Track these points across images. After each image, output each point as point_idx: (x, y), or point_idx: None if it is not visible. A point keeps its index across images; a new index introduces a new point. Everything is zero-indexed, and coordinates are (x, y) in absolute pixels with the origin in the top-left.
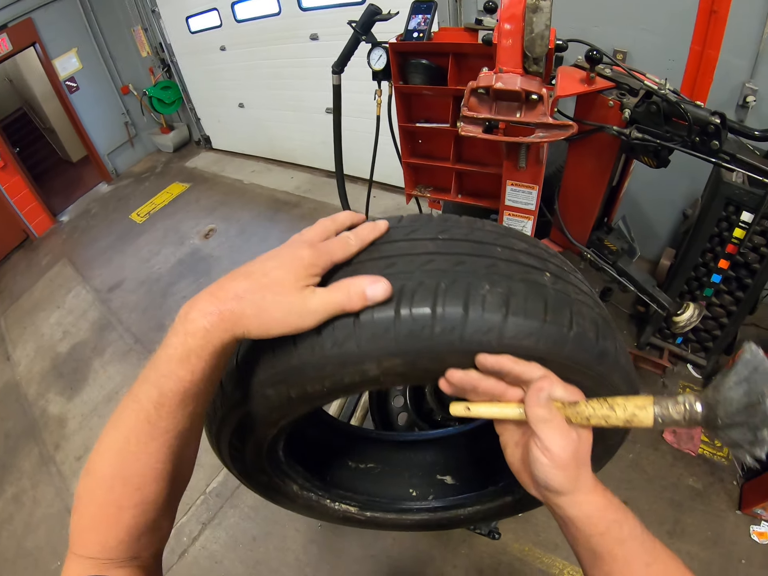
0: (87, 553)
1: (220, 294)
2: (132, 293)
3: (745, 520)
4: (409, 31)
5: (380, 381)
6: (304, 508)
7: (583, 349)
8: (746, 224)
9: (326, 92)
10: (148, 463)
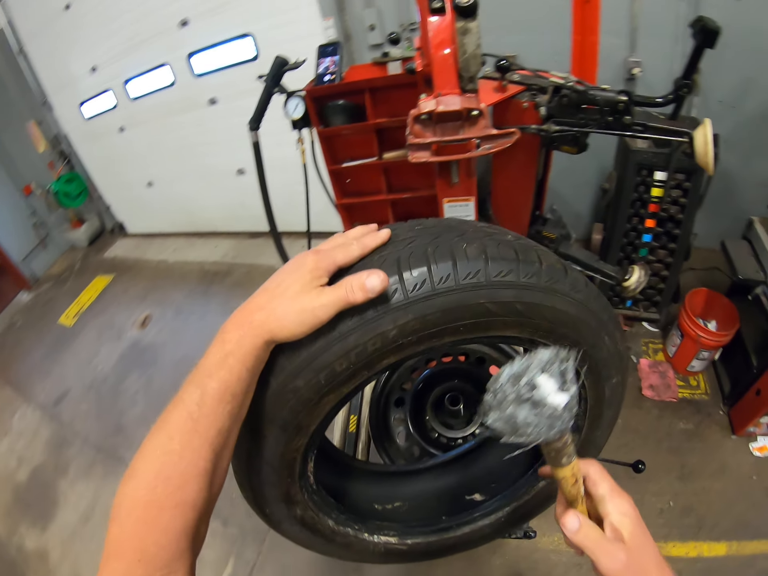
0: (123, 565)
1: (247, 308)
2: (81, 401)
3: (742, 442)
4: (320, 75)
5: (400, 344)
6: (343, 547)
7: (557, 280)
8: (661, 182)
9: (235, 154)
10: (191, 461)
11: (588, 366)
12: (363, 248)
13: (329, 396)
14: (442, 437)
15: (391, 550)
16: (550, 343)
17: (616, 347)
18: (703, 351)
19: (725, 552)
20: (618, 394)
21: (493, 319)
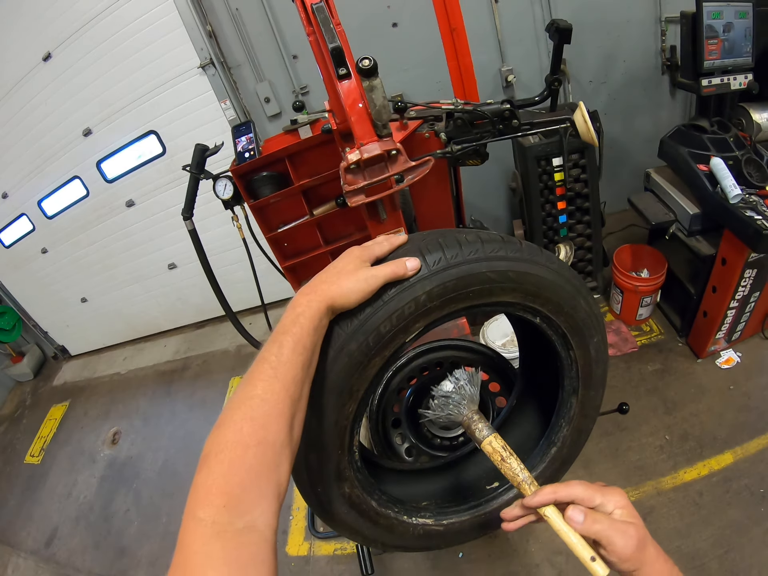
0: (210, 513)
1: (311, 284)
2: (72, 536)
3: (709, 362)
4: (240, 154)
5: (428, 308)
6: (387, 531)
7: (536, 254)
8: (560, 166)
9: (162, 251)
10: (272, 403)
11: (572, 327)
12: (392, 245)
13: (376, 359)
14: (444, 440)
15: (429, 532)
16: (539, 306)
17: (592, 309)
18: (645, 298)
19: (732, 459)
20: (602, 353)
21: (494, 286)
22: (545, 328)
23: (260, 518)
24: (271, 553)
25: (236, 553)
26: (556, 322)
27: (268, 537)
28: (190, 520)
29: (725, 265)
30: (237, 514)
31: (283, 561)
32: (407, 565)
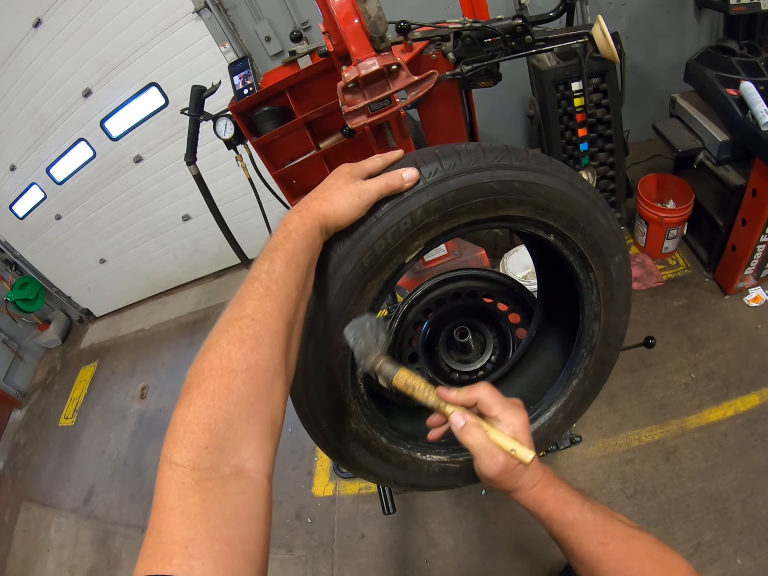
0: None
1: (303, 202)
2: (109, 491)
3: (737, 299)
4: (239, 91)
5: (426, 223)
6: (399, 468)
7: (544, 163)
8: (579, 91)
9: (174, 203)
10: (264, 323)
11: (590, 245)
12: (385, 161)
13: (372, 281)
14: (463, 374)
15: (445, 470)
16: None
17: (611, 225)
18: (671, 230)
19: (759, 401)
20: (625, 274)
21: (499, 198)
22: (561, 246)
23: (250, 461)
24: (264, 505)
25: (218, 507)
26: (572, 240)
27: (260, 485)
28: (166, 467)
29: (756, 196)
30: (222, 456)
31: (309, 501)
32: (431, 503)
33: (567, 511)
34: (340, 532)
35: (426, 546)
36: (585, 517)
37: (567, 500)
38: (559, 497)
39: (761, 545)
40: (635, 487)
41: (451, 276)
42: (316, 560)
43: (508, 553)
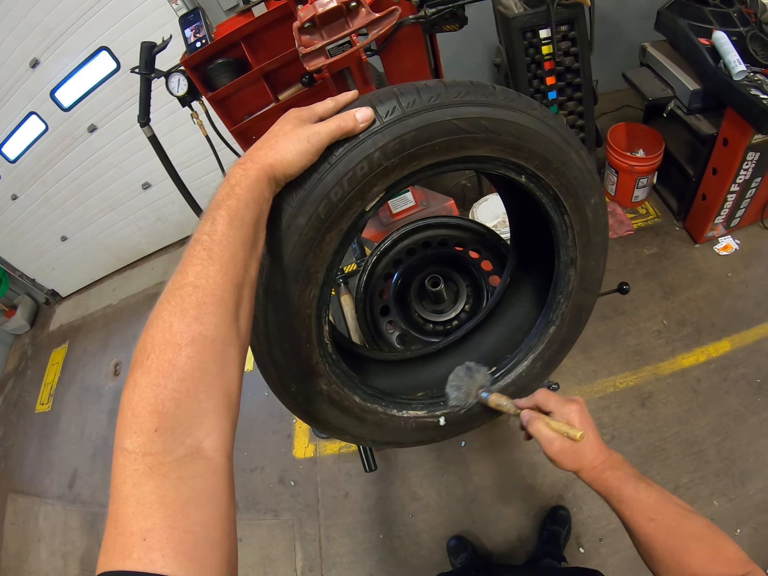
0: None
1: (247, 154)
2: (92, 473)
3: (707, 247)
4: (191, 44)
5: (384, 167)
6: (376, 427)
7: (513, 99)
8: (547, 39)
9: (133, 171)
10: (207, 289)
11: (564, 187)
12: (337, 103)
13: (330, 233)
14: (437, 324)
15: (423, 425)
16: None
17: (586, 165)
18: (641, 179)
19: (730, 347)
20: (601, 217)
21: (464, 137)
22: (533, 188)
23: (206, 440)
24: (224, 486)
25: (174, 493)
26: (545, 181)
27: (218, 465)
28: (119, 454)
29: (727, 146)
30: (174, 438)
31: (291, 464)
32: (412, 458)
33: (623, 489)
34: (324, 492)
35: (410, 500)
36: (639, 495)
37: (624, 480)
38: (618, 477)
39: (736, 487)
40: (612, 432)
41: (421, 225)
42: (302, 523)
43: (492, 502)
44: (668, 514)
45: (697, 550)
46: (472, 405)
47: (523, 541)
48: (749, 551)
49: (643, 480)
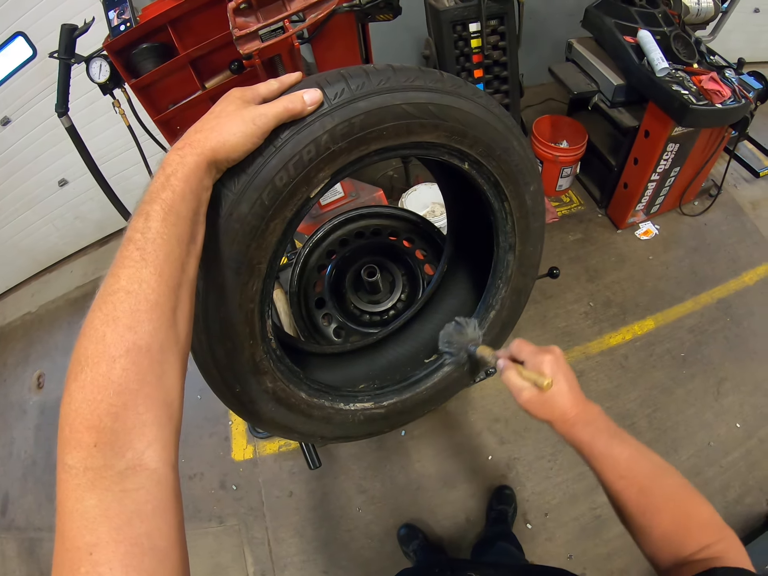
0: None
1: (185, 137)
2: (24, 496)
3: (628, 233)
4: (115, 28)
5: (332, 151)
6: (324, 422)
7: (459, 86)
8: (477, 32)
9: (48, 167)
10: (140, 294)
11: (506, 174)
12: (282, 84)
13: (275, 221)
14: (373, 315)
15: (371, 417)
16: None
17: (526, 153)
18: (565, 168)
19: (654, 325)
20: (539, 204)
21: (412, 122)
22: (475, 175)
23: (147, 452)
24: (169, 496)
25: (118, 505)
26: (487, 168)
27: (162, 476)
28: (60, 469)
29: (648, 137)
30: (114, 453)
31: (231, 468)
32: (353, 450)
33: (594, 445)
34: (268, 493)
35: (356, 493)
36: (611, 452)
37: (596, 435)
38: (589, 432)
39: (669, 454)
40: None
41: (353, 215)
42: (249, 527)
43: (437, 488)
44: (641, 471)
45: (669, 511)
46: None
47: (472, 523)
48: None
49: (617, 436)
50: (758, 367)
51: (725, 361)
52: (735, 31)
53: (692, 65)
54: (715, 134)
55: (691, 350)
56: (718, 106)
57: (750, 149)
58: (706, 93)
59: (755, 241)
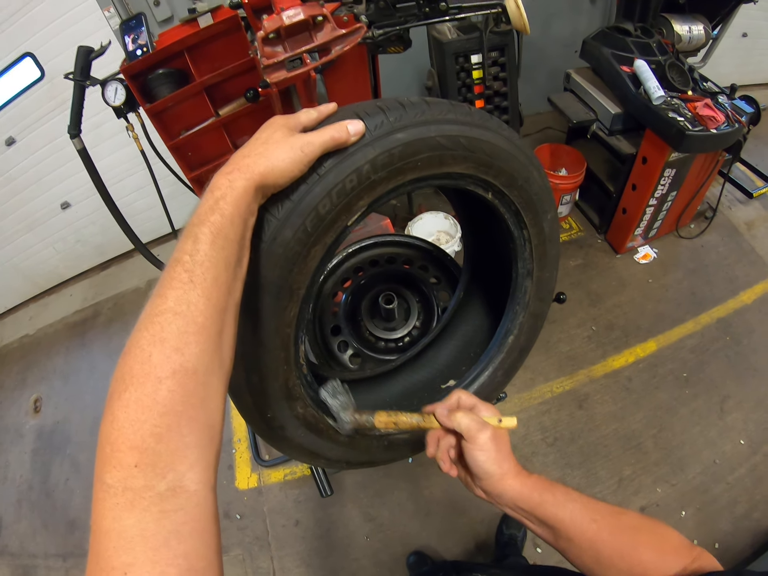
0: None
1: (233, 160)
2: (18, 522)
3: (628, 257)
4: (132, 52)
5: (372, 180)
6: (349, 448)
7: (487, 119)
8: (478, 64)
9: (52, 189)
10: (188, 317)
11: (526, 203)
12: (320, 114)
13: (316, 247)
14: (389, 342)
15: (395, 442)
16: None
17: (545, 182)
18: (564, 196)
19: (656, 346)
20: (555, 231)
21: (445, 153)
22: (498, 204)
23: (189, 474)
24: (207, 518)
25: (155, 526)
26: (509, 198)
27: (202, 498)
28: (98, 488)
29: (646, 164)
30: (155, 474)
31: (235, 497)
32: (360, 478)
33: (558, 493)
34: (273, 522)
35: (363, 522)
36: (572, 496)
37: (550, 484)
38: (544, 481)
39: (676, 473)
40: (555, 435)
41: (368, 243)
42: (254, 557)
43: (445, 515)
44: (605, 511)
45: (644, 544)
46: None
47: (482, 549)
48: (696, 530)
49: (568, 487)
50: (760, 384)
51: (727, 379)
52: (725, 56)
53: (687, 92)
54: (709, 158)
55: (694, 370)
56: (713, 131)
57: (743, 171)
58: (701, 119)
59: (752, 261)
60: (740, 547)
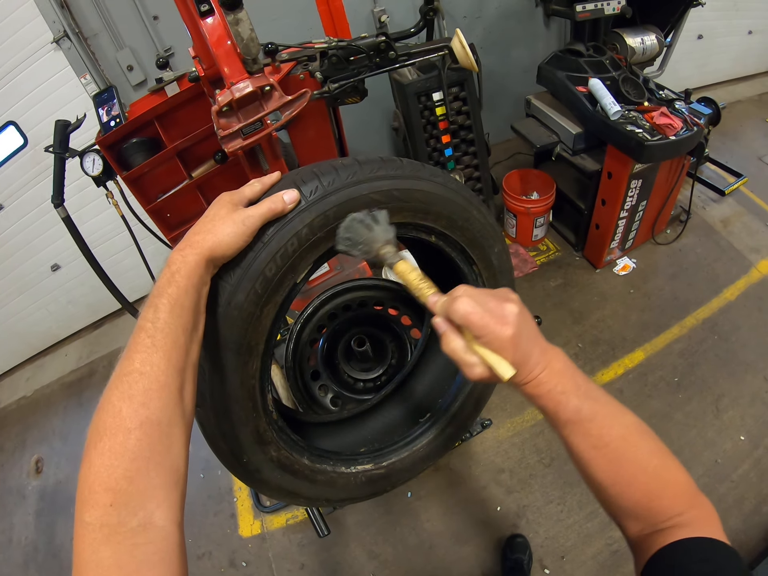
0: (96, 515)
1: (185, 238)
2: None
3: (607, 271)
4: (106, 124)
5: (312, 240)
6: (328, 486)
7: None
8: (440, 100)
9: (40, 252)
10: (152, 376)
11: (470, 240)
12: (263, 185)
13: (267, 306)
14: (367, 382)
15: (372, 477)
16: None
17: (487, 219)
18: (538, 219)
19: (644, 355)
20: (505, 262)
21: (380, 207)
22: (443, 245)
23: (157, 512)
24: (174, 551)
25: (128, 557)
26: (452, 238)
27: (169, 533)
28: (79, 526)
29: (611, 178)
30: (127, 512)
31: (239, 545)
32: (361, 517)
33: (559, 412)
34: (279, 567)
35: (368, 560)
36: (579, 417)
37: (560, 400)
38: (553, 397)
39: None
40: (550, 455)
41: (339, 290)
42: None
43: (449, 545)
44: (614, 440)
45: (641, 482)
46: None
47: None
48: None
49: (585, 395)
50: (753, 378)
51: (719, 378)
52: (683, 60)
53: (643, 103)
54: (675, 164)
55: (684, 373)
56: (672, 138)
57: (713, 170)
58: (659, 128)
59: (731, 257)
60: (753, 543)
